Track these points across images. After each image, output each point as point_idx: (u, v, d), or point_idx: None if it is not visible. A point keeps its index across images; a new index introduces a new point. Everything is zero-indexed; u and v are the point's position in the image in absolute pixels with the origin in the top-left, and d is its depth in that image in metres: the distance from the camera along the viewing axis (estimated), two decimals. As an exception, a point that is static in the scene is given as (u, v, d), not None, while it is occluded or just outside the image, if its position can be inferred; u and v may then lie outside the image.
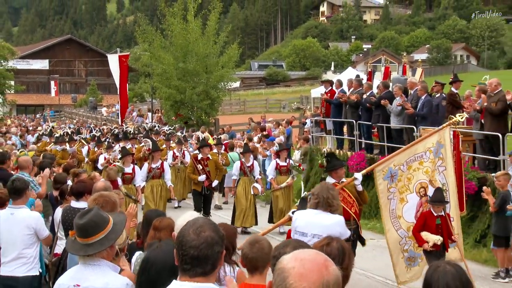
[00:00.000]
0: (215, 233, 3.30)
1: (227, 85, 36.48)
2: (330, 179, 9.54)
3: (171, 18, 33.14)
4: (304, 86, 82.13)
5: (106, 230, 4.29)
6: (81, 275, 4.22)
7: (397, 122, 16.88)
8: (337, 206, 7.17)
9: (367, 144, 18.47)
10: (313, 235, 6.61)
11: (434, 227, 9.33)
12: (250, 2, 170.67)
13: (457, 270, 3.54)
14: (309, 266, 2.41)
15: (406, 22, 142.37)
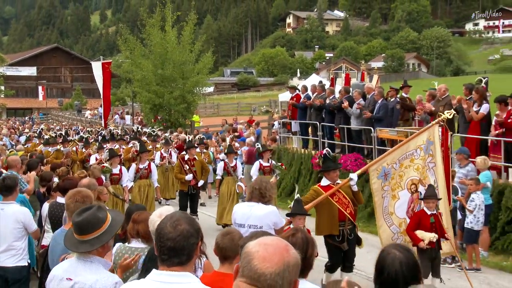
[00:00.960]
0: (191, 226, 3.30)
1: (202, 90, 36.50)
2: (324, 181, 9.18)
3: (151, 28, 33.06)
4: (273, 91, 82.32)
5: (100, 231, 4.23)
6: (74, 269, 4.17)
7: (356, 123, 17.01)
8: (270, 197, 7.00)
9: (329, 144, 18.51)
10: (249, 226, 6.61)
11: (429, 226, 9.02)
12: (223, 14, 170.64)
13: (405, 255, 3.52)
14: (271, 250, 2.45)
15: (364, 33, 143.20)
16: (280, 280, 2.39)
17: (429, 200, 9.07)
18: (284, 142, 21.83)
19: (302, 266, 4.03)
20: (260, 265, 2.41)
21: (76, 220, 4.25)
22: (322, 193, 8.88)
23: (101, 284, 4.04)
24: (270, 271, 2.39)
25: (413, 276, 3.45)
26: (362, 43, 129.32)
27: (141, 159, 14.66)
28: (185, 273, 3.24)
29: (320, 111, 18.69)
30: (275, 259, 2.41)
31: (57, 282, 4.19)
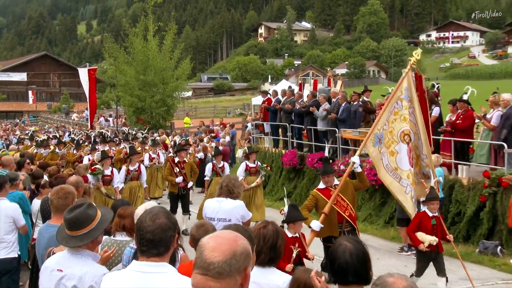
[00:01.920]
0: (168, 220, 3.30)
1: (181, 94, 36.50)
2: (321, 184, 8.69)
3: (133, 37, 33.03)
4: (246, 95, 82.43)
5: (89, 227, 4.18)
6: (65, 262, 4.13)
7: (322, 125, 17.07)
8: (237, 193, 7.01)
9: (298, 144, 18.59)
10: (219, 219, 6.60)
11: (430, 228, 8.50)
12: (200, 25, 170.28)
13: (355, 246, 3.49)
14: (220, 240, 2.46)
15: (329, 43, 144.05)
16: (227, 268, 2.37)
17: (432, 201, 8.60)
18: (256, 142, 21.83)
19: (272, 255, 4.09)
20: (209, 255, 2.40)
21: (67, 216, 4.20)
22: (320, 197, 8.45)
23: (89, 275, 4.01)
24: (218, 260, 2.38)
25: (362, 266, 3.44)
26: (327, 52, 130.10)
27: (131, 161, 14.24)
28: (163, 263, 3.24)
29: (290, 113, 18.73)
30: (223, 249, 2.41)
31: (49, 273, 4.15)
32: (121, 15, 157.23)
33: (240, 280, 2.43)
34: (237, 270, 2.41)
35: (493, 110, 13.07)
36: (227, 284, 2.39)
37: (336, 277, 3.51)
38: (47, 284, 4.12)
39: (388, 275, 2.79)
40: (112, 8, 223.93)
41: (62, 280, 4.04)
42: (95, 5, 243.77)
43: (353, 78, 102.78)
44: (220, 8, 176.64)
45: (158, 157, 17.60)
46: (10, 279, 7.37)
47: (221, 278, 2.38)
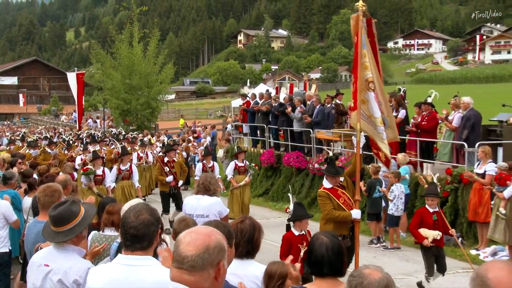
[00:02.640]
0: (151, 216, 3.30)
1: (165, 97, 36.41)
2: (326, 184, 8.10)
3: (119, 43, 32.84)
4: (226, 98, 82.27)
5: (73, 223, 4.14)
6: (51, 257, 4.10)
7: (298, 126, 17.10)
8: (214, 190, 7.00)
9: (275, 143, 18.62)
10: (197, 215, 6.59)
11: (432, 224, 8.21)
12: (183, 32, 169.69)
13: (331, 241, 3.53)
14: (195, 236, 2.46)
15: (304, 49, 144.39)
16: (200, 261, 2.38)
17: (430, 197, 8.39)
18: (236, 142, 21.82)
19: (250, 248, 4.10)
20: (184, 249, 2.41)
21: (52, 213, 4.17)
22: (331, 196, 7.91)
23: (75, 269, 3.98)
24: (191, 254, 2.39)
25: (337, 259, 3.47)
26: (302, 57, 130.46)
27: (122, 161, 13.78)
28: (147, 256, 3.24)
29: (267, 115, 18.75)
30: (197, 243, 2.41)
31: (36, 268, 4.12)
32: (108, 22, 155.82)
33: (213, 273, 2.43)
34: (210, 264, 2.41)
35: (454, 112, 13.22)
36: (200, 277, 2.40)
37: (313, 269, 3.56)
38: (35, 278, 4.09)
39: (364, 267, 2.81)
40: (99, 16, 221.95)
41: (48, 275, 4.00)
42: (83, 13, 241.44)
43: (326, 82, 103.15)
44: (201, 16, 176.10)
45: (147, 157, 17.38)
46: (2, 273, 7.32)
47: (194, 271, 2.39)
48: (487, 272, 2.20)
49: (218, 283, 2.46)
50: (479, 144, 11.55)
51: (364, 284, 2.65)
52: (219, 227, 3.49)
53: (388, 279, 2.72)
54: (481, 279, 2.19)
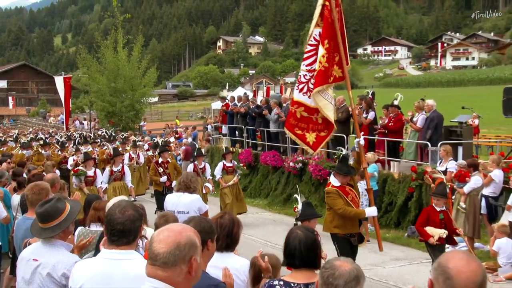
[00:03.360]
0: (136, 212, 3.28)
1: (148, 100, 36.23)
2: (335, 181, 7.61)
3: (105, 49, 32.58)
4: (206, 101, 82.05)
5: (59, 219, 4.10)
6: (39, 252, 4.06)
7: (274, 127, 17.11)
8: (194, 188, 6.98)
9: (253, 143, 18.64)
10: (178, 212, 6.54)
11: (438, 222, 7.86)
12: (165, 38, 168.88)
13: (305, 234, 3.55)
14: (167, 233, 2.46)
15: (280, 54, 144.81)
16: (171, 258, 2.39)
17: (438, 197, 8.04)
18: (216, 142, 21.79)
19: (229, 241, 4.10)
20: (157, 246, 2.42)
21: (39, 211, 4.12)
22: (339, 192, 7.45)
23: (62, 263, 3.94)
24: (163, 251, 2.40)
25: (309, 252, 3.48)
26: (278, 63, 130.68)
27: (114, 162, 13.14)
28: (131, 251, 3.23)
29: (245, 117, 18.75)
30: (168, 241, 2.41)
31: (25, 263, 4.08)
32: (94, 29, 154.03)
33: (186, 268, 2.43)
34: (181, 260, 2.41)
35: (418, 114, 13.37)
36: (173, 272, 2.40)
37: (287, 260, 3.57)
38: (24, 272, 4.05)
39: (335, 259, 2.84)
40: (85, 23, 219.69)
41: (37, 269, 3.96)
42: (70, 19, 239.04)
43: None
44: (183, 23, 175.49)
45: (138, 158, 16.99)
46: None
47: (167, 267, 2.40)
48: (448, 262, 2.23)
49: (191, 277, 2.46)
50: (441, 143, 11.69)
51: (335, 275, 2.67)
52: (202, 222, 3.49)
53: (358, 270, 2.74)
54: (443, 269, 2.22)
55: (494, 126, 25.49)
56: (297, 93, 8.06)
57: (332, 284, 2.66)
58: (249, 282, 4.06)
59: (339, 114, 14.54)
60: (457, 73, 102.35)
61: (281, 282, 3.46)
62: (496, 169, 10.60)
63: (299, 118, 8.03)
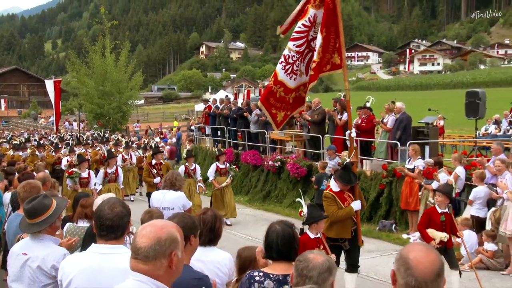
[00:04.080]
0: (124, 208, 3.28)
1: (134, 102, 36.14)
2: (334, 186, 7.04)
3: (93, 54, 32.46)
4: (190, 103, 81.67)
5: (46, 215, 4.07)
6: (28, 246, 4.04)
7: (254, 128, 17.12)
8: (179, 186, 6.98)
9: (234, 143, 18.60)
10: (163, 208, 6.52)
11: (439, 224, 7.29)
12: (151, 44, 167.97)
13: (283, 228, 3.56)
14: (149, 229, 2.46)
15: (259, 59, 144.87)
16: (152, 252, 2.39)
17: (440, 194, 7.45)
18: (199, 142, 21.71)
19: (212, 236, 4.08)
20: (139, 241, 2.42)
21: (26, 207, 4.11)
22: (336, 197, 6.91)
23: (51, 256, 3.93)
24: (144, 245, 2.39)
25: (286, 246, 3.49)
26: (258, 67, 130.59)
27: (109, 164, 12.59)
28: (120, 245, 3.21)
29: (227, 118, 18.72)
30: (150, 236, 2.41)
31: (15, 257, 4.06)
32: (83, 35, 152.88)
33: (166, 263, 2.42)
34: (162, 254, 2.41)
35: (388, 115, 13.47)
36: (153, 266, 2.40)
37: (267, 253, 3.59)
38: (14, 266, 4.03)
39: (309, 252, 2.86)
40: (74, 29, 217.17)
41: (27, 262, 3.95)
42: (60, 26, 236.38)
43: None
44: (167, 30, 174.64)
45: (131, 158, 16.59)
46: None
47: (148, 261, 2.39)
48: (408, 253, 2.27)
49: (172, 270, 2.45)
50: (410, 143, 11.80)
51: (309, 267, 2.70)
52: (185, 218, 3.48)
53: (330, 262, 2.77)
54: (404, 260, 2.26)
55: (457, 127, 25.82)
56: (282, 73, 7.48)
57: (306, 275, 2.69)
58: (234, 272, 4.06)
59: (314, 116, 14.62)
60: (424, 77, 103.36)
61: (261, 273, 3.47)
62: (459, 166, 10.75)
63: (277, 98, 7.60)
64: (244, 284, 3.43)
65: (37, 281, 3.92)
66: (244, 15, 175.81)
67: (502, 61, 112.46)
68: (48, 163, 16.82)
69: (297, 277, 2.74)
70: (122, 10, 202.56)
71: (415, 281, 2.21)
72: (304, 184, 14.28)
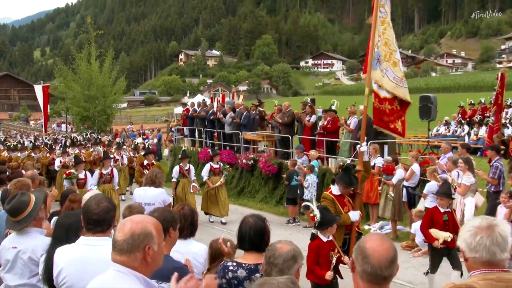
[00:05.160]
0: (110, 204, 3.27)
1: (118, 106, 35.84)
2: (335, 189, 6.28)
3: (79, 60, 32.12)
4: (170, 106, 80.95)
5: (26, 211, 4.04)
6: (17, 240, 4.05)
7: (229, 129, 17.10)
8: (159, 182, 6.95)
9: (210, 143, 18.52)
10: (145, 204, 6.51)
11: (442, 223, 6.76)
12: (133, 51, 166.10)
13: (255, 221, 3.55)
14: (127, 224, 2.44)
15: (234, 66, 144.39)
16: (125, 245, 2.38)
17: (442, 197, 6.89)
18: (178, 143, 21.55)
19: (192, 229, 4.07)
20: (117, 234, 2.42)
21: (6, 208, 4.09)
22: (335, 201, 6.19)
23: (40, 247, 3.95)
24: (120, 239, 2.39)
25: (257, 237, 3.48)
26: (232, 73, 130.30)
27: (104, 165, 11.86)
28: (106, 237, 3.21)
29: (203, 120, 18.64)
30: (125, 230, 2.40)
31: (6, 251, 4.07)
32: (69, 43, 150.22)
33: (140, 255, 2.40)
34: (135, 248, 2.39)
35: (351, 117, 13.62)
36: (128, 258, 2.39)
37: (239, 244, 3.58)
38: (6, 258, 4.05)
39: (277, 242, 2.87)
40: (62, 38, 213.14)
41: (18, 254, 3.96)
42: (48, 35, 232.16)
43: (251, 93, 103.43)
44: (149, 38, 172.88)
45: (122, 159, 16.08)
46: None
47: (122, 253, 2.39)
48: (366, 243, 2.34)
49: (148, 262, 2.43)
50: (370, 142, 11.95)
51: (275, 256, 2.74)
52: (165, 212, 3.46)
53: (295, 251, 2.79)
54: (361, 249, 2.33)
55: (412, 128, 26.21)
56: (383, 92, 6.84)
57: (273, 263, 2.72)
58: (206, 261, 4.07)
59: (285, 118, 14.67)
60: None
61: (234, 263, 3.47)
62: (415, 163, 10.93)
63: (388, 113, 6.86)
64: (219, 274, 3.42)
65: (28, 270, 3.96)
66: (219, 25, 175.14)
67: (450, 69, 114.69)
68: (43, 164, 16.39)
69: (265, 264, 2.78)
70: (106, 21, 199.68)
71: (371, 268, 2.27)
72: (275, 180, 14.32)
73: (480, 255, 2.44)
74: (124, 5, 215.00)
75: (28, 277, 3.99)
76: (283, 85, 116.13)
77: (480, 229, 2.46)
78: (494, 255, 2.43)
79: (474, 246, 2.45)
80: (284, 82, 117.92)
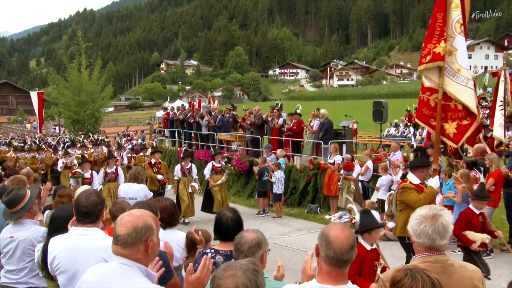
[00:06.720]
0: (98, 198, 3.25)
1: (105, 110, 35.44)
2: (414, 179, 5.29)
3: (71, 69, 31.84)
4: (152, 110, 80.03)
5: (22, 204, 4.02)
6: (13, 230, 4.06)
7: (205, 130, 17.01)
8: (141, 179, 6.83)
9: (189, 143, 18.37)
10: (129, 198, 6.44)
11: (479, 226, 5.75)
12: (119, 61, 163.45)
13: (234, 215, 3.53)
14: (127, 218, 2.38)
15: (210, 74, 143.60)
16: (129, 239, 2.32)
17: (481, 201, 5.92)
18: (160, 143, 21.30)
19: (172, 220, 4.01)
20: (118, 229, 2.35)
21: (4, 199, 4.09)
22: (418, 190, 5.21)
23: (34, 235, 3.99)
24: (123, 233, 2.33)
25: (239, 227, 3.46)
26: (208, 81, 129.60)
27: (108, 165, 10.96)
28: (94, 228, 3.19)
29: (183, 122, 18.49)
30: (128, 224, 2.34)
31: (3, 241, 4.09)
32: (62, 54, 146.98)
33: (143, 248, 2.35)
34: (138, 241, 2.34)
35: (314, 120, 13.71)
36: (132, 251, 2.33)
37: (222, 236, 3.52)
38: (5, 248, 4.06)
39: (245, 230, 2.87)
40: (55, 49, 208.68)
41: (17, 243, 4.01)
42: (43, 47, 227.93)
43: (225, 98, 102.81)
44: (133, 50, 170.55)
45: (122, 159, 14.92)
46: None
47: (126, 247, 2.33)
48: (329, 231, 2.37)
49: (148, 253, 2.39)
50: (331, 142, 12.06)
51: (242, 242, 2.74)
52: (145, 206, 3.41)
53: (260, 238, 2.79)
54: (325, 236, 2.36)
55: (367, 129, 26.66)
56: (427, 81, 5.87)
57: (240, 250, 2.74)
58: (184, 249, 4.05)
59: (256, 120, 14.67)
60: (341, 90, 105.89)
61: (212, 250, 3.44)
62: (369, 160, 11.10)
63: (433, 107, 5.73)
64: (198, 260, 3.39)
65: (25, 257, 4.01)
66: (196, 38, 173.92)
67: (398, 78, 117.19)
68: (47, 164, 15.61)
69: (234, 251, 2.80)
70: (95, 34, 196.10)
71: (334, 253, 2.30)
72: (247, 176, 14.29)
73: (422, 240, 2.64)
74: (111, 20, 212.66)
75: (26, 262, 4.02)
76: (253, 91, 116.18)
77: (425, 218, 2.64)
78: (434, 242, 2.62)
79: (418, 233, 2.65)
80: (254, 89, 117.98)
